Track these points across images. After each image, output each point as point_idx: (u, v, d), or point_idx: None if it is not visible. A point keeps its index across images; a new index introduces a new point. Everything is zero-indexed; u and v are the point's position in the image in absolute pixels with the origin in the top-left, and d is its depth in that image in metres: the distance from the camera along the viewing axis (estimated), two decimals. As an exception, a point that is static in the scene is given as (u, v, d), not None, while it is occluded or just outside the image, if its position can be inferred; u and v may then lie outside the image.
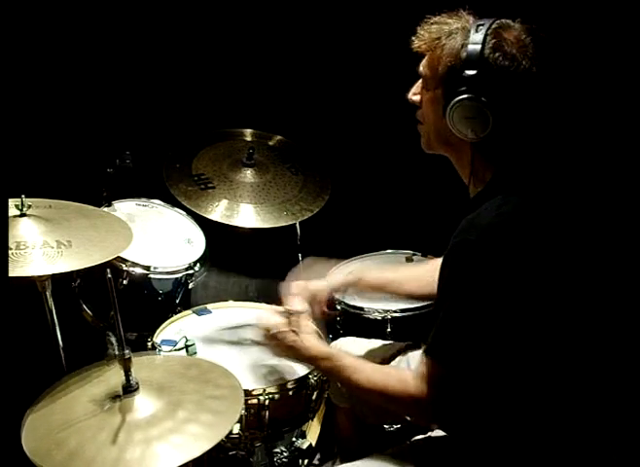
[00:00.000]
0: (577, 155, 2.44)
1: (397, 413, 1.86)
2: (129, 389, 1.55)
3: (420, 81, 1.67)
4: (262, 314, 1.99)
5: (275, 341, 1.83)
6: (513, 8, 1.64)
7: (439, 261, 1.61)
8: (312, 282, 2.03)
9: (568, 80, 2.20)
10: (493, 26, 1.54)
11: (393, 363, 2.03)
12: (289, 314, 1.84)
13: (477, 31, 1.53)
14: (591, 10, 2.55)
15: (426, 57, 1.62)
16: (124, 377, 1.55)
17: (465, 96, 1.53)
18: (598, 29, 2.57)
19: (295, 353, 1.81)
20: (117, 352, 1.54)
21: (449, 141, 1.62)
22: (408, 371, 1.65)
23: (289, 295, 1.94)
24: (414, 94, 1.69)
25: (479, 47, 1.52)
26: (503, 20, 1.57)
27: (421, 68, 1.64)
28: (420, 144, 1.71)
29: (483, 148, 1.58)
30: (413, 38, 1.63)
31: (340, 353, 1.76)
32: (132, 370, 1.55)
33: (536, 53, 1.53)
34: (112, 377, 1.65)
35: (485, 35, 1.52)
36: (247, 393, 1.89)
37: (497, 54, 1.51)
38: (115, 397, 1.57)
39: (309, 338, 1.79)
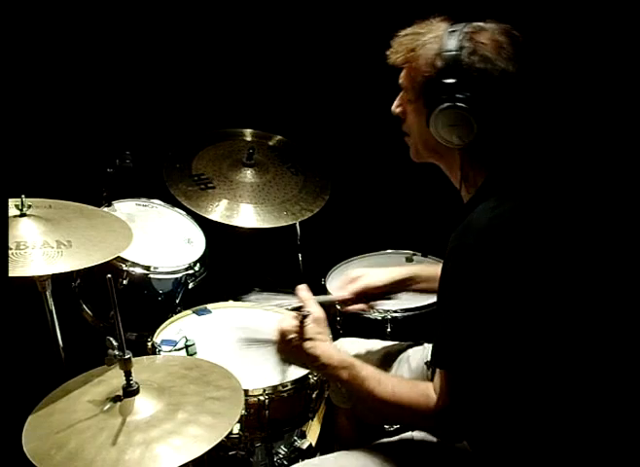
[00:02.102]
0: (567, 154, 2.44)
1: (419, 426, 1.73)
2: (129, 391, 1.55)
3: (402, 93, 1.66)
4: (277, 318, 1.90)
5: (289, 347, 1.68)
6: (487, 8, 1.63)
7: None
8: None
9: (550, 78, 2.19)
10: (466, 30, 1.53)
11: (394, 363, 2.03)
12: (303, 317, 1.69)
13: (450, 38, 1.52)
14: (567, 7, 2.55)
15: (404, 70, 1.61)
16: (124, 379, 1.55)
17: (446, 105, 1.52)
18: (577, 26, 2.56)
19: (310, 360, 1.67)
20: (117, 353, 1.54)
21: (437, 150, 1.61)
22: (428, 384, 1.58)
23: (304, 297, 1.77)
24: (397, 107, 1.68)
25: (454, 53, 1.51)
26: (475, 23, 1.55)
27: (401, 80, 1.63)
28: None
29: (471, 153, 1.58)
30: (388, 52, 1.61)
31: (360, 362, 1.65)
32: (133, 371, 1.55)
33: (512, 54, 1.51)
34: (112, 378, 1.65)
35: (459, 40, 1.51)
36: (247, 393, 1.89)
37: (473, 58, 1.50)
38: (115, 398, 1.56)
39: (326, 345, 1.67)
